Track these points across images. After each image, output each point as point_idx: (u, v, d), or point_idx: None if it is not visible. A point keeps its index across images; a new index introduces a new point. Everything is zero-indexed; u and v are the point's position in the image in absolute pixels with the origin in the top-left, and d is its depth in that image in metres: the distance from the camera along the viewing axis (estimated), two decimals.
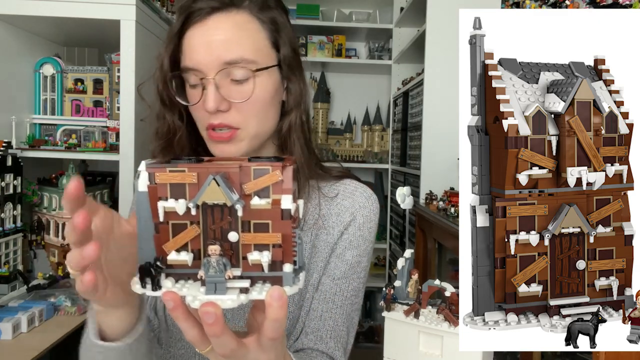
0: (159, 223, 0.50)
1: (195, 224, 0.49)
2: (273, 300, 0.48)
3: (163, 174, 0.49)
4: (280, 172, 0.49)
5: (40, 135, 1.88)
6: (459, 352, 0.70)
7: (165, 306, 0.50)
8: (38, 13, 1.62)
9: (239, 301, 0.48)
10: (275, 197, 0.49)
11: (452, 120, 0.90)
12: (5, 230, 1.65)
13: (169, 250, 0.50)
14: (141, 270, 0.50)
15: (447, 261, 2.68)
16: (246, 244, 0.49)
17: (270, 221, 0.49)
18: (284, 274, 0.50)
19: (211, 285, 0.48)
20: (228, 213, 0.49)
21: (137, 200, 0.51)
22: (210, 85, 0.81)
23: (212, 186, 0.48)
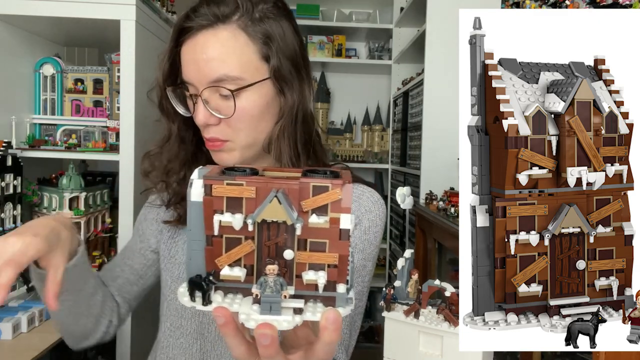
0: (212, 236, 0.48)
1: (250, 239, 0.48)
2: (329, 324, 0.47)
3: (220, 187, 0.47)
4: (340, 190, 0.47)
5: (40, 135, 1.88)
6: (459, 352, 0.70)
7: (215, 321, 0.49)
8: (38, 13, 1.62)
9: (294, 323, 0.47)
10: (334, 215, 0.47)
11: (452, 120, 0.90)
12: (5, 230, 1.65)
13: (222, 265, 0.49)
14: (191, 283, 0.49)
15: (447, 261, 2.68)
16: (301, 263, 0.48)
17: (328, 240, 0.48)
18: (337, 295, 0.49)
19: (266, 305, 0.47)
20: (284, 230, 0.48)
21: (189, 209, 0.49)
22: (199, 101, 0.85)
23: (273, 203, 0.46)
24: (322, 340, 0.49)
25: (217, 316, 0.48)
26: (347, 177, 0.48)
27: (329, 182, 0.47)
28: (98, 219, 1.98)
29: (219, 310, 0.48)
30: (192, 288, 0.49)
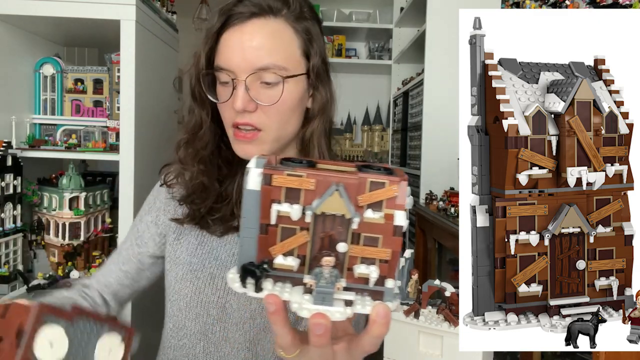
0: (268, 225, 0.49)
1: (305, 230, 0.49)
2: (379, 318, 0.48)
3: (281, 177, 0.48)
4: (397, 187, 0.48)
5: (40, 135, 1.88)
6: (459, 352, 0.70)
7: (266, 309, 0.49)
8: (38, 13, 1.62)
9: (345, 314, 0.48)
10: (388, 211, 0.48)
11: (452, 120, 0.90)
12: (5, 230, 1.65)
13: (276, 254, 0.49)
14: (244, 270, 0.49)
15: (447, 261, 2.68)
16: (353, 256, 0.49)
17: (382, 236, 0.48)
18: (385, 290, 0.49)
19: (319, 296, 0.48)
20: (339, 223, 0.48)
21: (245, 197, 0.50)
22: (240, 86, 0.85)
23: (334, 197, 0.47)
24: (371, 334, 0.50)
25: (268, 303, 0.48)
26: (401, 175, 0.49)
27: (387, 178, 0.48)
28: (98, 219, 1.98)
29: (271, 298, 0.48)
30: (244, 274, 0.50)
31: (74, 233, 1.85)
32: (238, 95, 0.84)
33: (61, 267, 1.81)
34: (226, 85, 0.88)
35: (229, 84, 0.87)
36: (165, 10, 1.98)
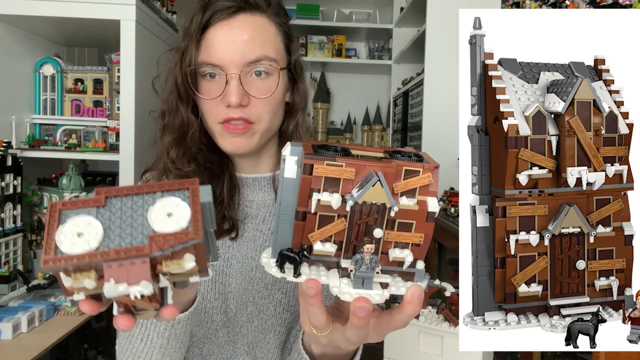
0: (306, 212, 0.50)
1: (343, 217, 0.50)
2: (414, 298, 0.51)
3: (322, 167, 0.49)
4: (431, 175, 0.50)
5: (40, 135, 1.88)
6: (459, 352, 0.70)
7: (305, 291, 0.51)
8: (38, 13, 1.62)
9: (384, 296, 0.50)
10: (421, 198, 0.50)
11: (452, 120, 0.90)
12: (5, 230, 1.65)
13: (315, 240, 0.51)
14: (282, 256, 0.51)
15: (447, 261, 2.68)
16: (388, 241, 0.51)
17: (415, 221, 0.50)
18: (416, 271, 0.52)
19: (358, 280, 0.50)
20: (376, 210, 0.50)
21: (283, 185, 0.51)
22: (233, 80, 0.84)
23: (376, 187, 0.48)
24: (405, 312, 0.52)
25: (309, 287, 0.50)
26: (432, 161, 0.52)
27: (421, 166, 0.50)
28: None
29: (311, 282, 0.50)
30: (282, 260, 0.51)
31: None
32: (232, 89, 0.84)
33: None
34: (212, 81, 0.87)
35: (217, 80, 0.86)
36: (165, 10, 1.98)
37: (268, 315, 0.90)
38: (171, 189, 0.44)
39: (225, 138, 0.88)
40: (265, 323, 0.91)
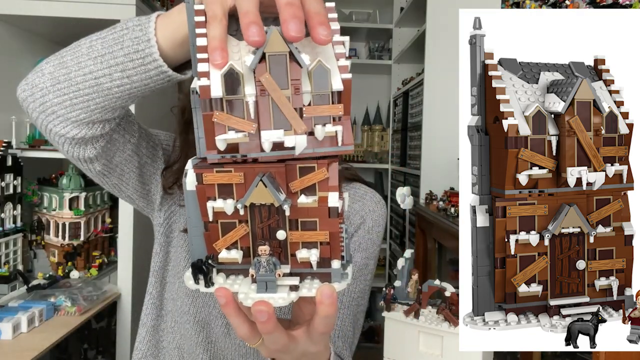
0: (208, 222, 0.50)
1: (244, 222, 0.50)
2: (324, 298, 0.49)
3: (210, 175, 0.48)
4: (326, 169, 0.48)
5: (40, 135, 1.88)
6: (459, 352, 0.70)
7: (218, 301, 0.51)
8: (38, 13, 1.62)
9: (289, 299, 0.49)
10: (322, 194, 0.49)
11: (452, 120, 0.90)
12: (5, 230, 1.65)
13: (220, 249, 0.51)
14: (194, 267, 0.51)
15: (447, 261, 2.68)
16: (294, 242, 0.50)
17: (318, 219, 0.49)
18: (332, 271, 0.50)
19: (262, 284, 0.49)
20: (275, 212, 0.49)
21: (186, 198, 0.52)
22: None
23: (259, 187, 0.47)
24: (319, 315, 0.51)
25: (218, 296, 0.50)
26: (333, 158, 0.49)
27: (315, 162, 0.48)
28: (98, 219, 1.98)
29: (220, 291, 0.50)
30: (195, 272, 0.51)
31: (74, 233, 1.85)
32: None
33: (61, 267, 1.81)
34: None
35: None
36: (165, 10, 1.98)
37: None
38: None
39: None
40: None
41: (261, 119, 0.46)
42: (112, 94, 0.67)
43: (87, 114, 0.70)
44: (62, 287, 1.67)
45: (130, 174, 0.89)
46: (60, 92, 0.69)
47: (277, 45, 0.45)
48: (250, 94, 0.46)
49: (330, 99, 0.46)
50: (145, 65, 0.63)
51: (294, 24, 0.44)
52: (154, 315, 0.98)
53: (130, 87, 0.66)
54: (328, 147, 0.47)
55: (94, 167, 0.82)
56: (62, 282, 1.71)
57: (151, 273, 1.00)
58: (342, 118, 0.47)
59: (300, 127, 0.45)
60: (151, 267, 1.00)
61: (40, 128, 0.77)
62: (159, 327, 0.99)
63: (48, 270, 1.80)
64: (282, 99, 0.45)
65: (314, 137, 0.46)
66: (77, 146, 0.76)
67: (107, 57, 0.65)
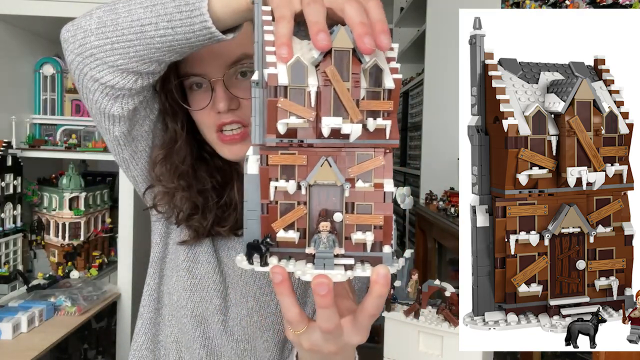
0: (268, 203, 0.52)
1: (302, 204, 0.52)
2: (379, 278, 0.51)
3: (275, 156, 0.51)
4: (382, 157, 0.51)
5: (40, 135, 1.88)
6: (459, 352, 0.70)
7: (272, 280, 0.52)
8: (38, 13, 1.62)
9: (347, 276, 0.51)
10: (377, 180, 0.52)
11: (452, 120, 0.90)
12: (5, 230, 1.65)
13: (278, 229, 0.52)
14: (249, 247, 0.52)
15: (447, 261, 2.68)
16: (349, 225, 0.52)
17: (373, 203, 0.52)
18: (384, 255, 0.52)
19: (320, 261, 0.51)
20: (334, 194, 0.52)
21: (246, 182, 0.54)
22: (219, 86, 0.83)
23: (324, 167, 0.51)
24: (373, 294, 0.52)
25: (274, 273, 0.51)
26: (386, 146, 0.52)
27: (372, 150, 0.51)
28: (98, 219, 1.98)
29: (276, 268, 0.51)
30: (249, 252, 0.52)
31: (74, 233, 1.85)
32: (219, 95, 0.82)
33: (61, 267, 1.81)
34: (199, 90, 0.85)
35: (204, 89, 0.84)
36: None
37: (269, 312, 0.91)
38: None
39: (223, 147, 0.87)
40: (265, 320, 0.91)
41: (322, 107, 0.50)
42: (153, 43, 0.68)
43: (124, 60, 0.71)
44: (62, 287, 1.67)
45: (142, 152, 0.89)
46: (102, 36, 0.71)
47: (343, 42, 0.50)
48: (313, 85, 0.50)
49: (382, 96, 0.51)
50: (191, 18, 0.65)
51: (369, 39, 0.50)
52: (151, 307, 0.98)
53: (172, 39, 0.67)
54: (377, 140, 0.51)
55: (114, 130, 0.83)
56: (62, 282, 1.71)
57: (150, 264, 0.99)
58: (391, 114, 0.51)
59: (357, 116, 0.50)
60: (150, 258, 0.99)
61: (75, 74, 0.77)
62: (157, 320, 0.98)
63: (48, 270, 1.80)
64: (344, 90, 0.50)
65: (365, 129, 0.50)
66: (108, 98, 0.77)
67: (158, 7, 0.67)
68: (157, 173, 0.89)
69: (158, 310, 0.98)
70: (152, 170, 0.90)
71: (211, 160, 0.91)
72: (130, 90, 0.76)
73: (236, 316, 0.92)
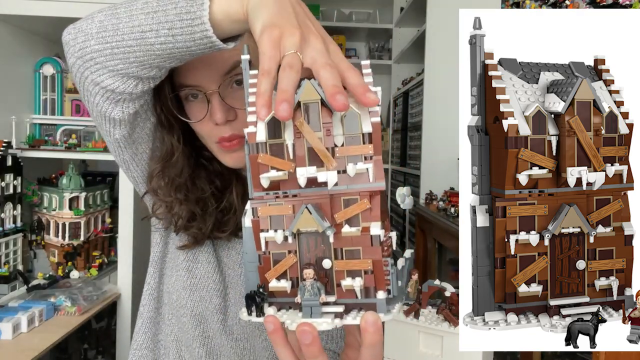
0: (261, 254, 0.54)
1: (292, 252, 0.53)
2: (368, 326, 0.50)
3: (264, 208, 0.53)
4: (368, 201, 0.51)
5: (40, 135, 1.88)
6: (459, 352, 0.70)
7: (266, 329, 0.52)
8: (38, 13, 1.62)
9: (333, 324, 0.51)
10: (365, 224, 0.52)
11: (452, 120, 0.90)
12: (5, 230, 1.65)
13: (270, 278, 0.53)
14: (247, 298, 0.54)
15: (447, 261, 2.68)
16: (339, 271, 0.52)
17: (361, 248, 0.51)
18: (377, 301, 0.52)
19: (307, 309, 0.51)
20: (321, 242, 0.52)
21: (244, 234, 0.55)
22: (215, 98, 0.82)
23: (304, 214, 0.51)
24: (365, 343, 0.51)
25: (267, 323, 0.51)
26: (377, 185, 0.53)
27: (357, 193, 0.52)
28: (98, 219, 1.98)
29: (269, 318, 0.52)
30: (248, 303, 0.54)
31: (74, 233, 1.85)
32: (215, 108, 0.82)
33: (61, 267, 1.81)
34: (196, 101, 0.84)
35: (199, 99, 0.84)
36: None
37: None
38: None
39: (225, 155, 0.87)
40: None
41: (297, 158, 0.51)
42: (153, 50, 0.68)
43: (124, 65, 0.71)
44: (62, 287, 1.67)
45: (143, 154, 0.89)
46: (103, 40, 0.70)
47: (310, 95, 0.52)
48: (290, 138, 0.52)
49: (362, 140, 0.52)
50: (192, 27, 0.64)
51: (340, 96, 0.50)
52: (151, 306, 0.98)
53: (172, 47, 0.67)
54: (360, 184, 0.51)
55: (115, 133, 0.82)
56: (62, 282, 1.71)
57: (150, 263, 0.99)
58: (373, 157, 0.52)
59: (331, 164, 0.51)
60: (150, 257, 0.99)
61: (76, 77, 0.77)
62: (157, 319, 0.98)
63: (48, 270, 1.80)
64: (315, 139, 0.51)
65: (347, 174, 0.51)
66: (108, 102, 0.77)
67: (159, 14, 0.67)
68: (154, 186, 0.88)
69: (158, 310, 0.98)
70: (149, 182, 0.89)
71: (210, 164, 0.91)
72: (131, 95, 0.76)
73: (235, 315, 0.92)
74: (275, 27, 0.56)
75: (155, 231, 0.99)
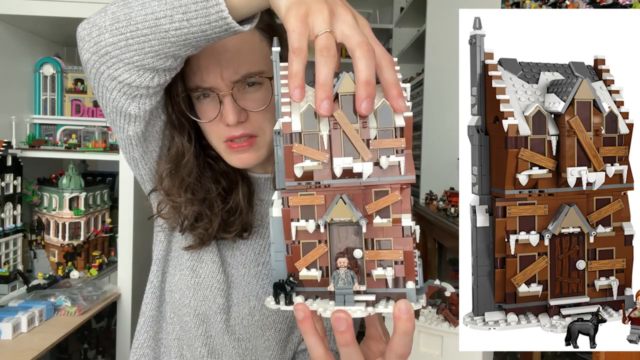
0: (291, 243, 0.54)
1: (323, 242, 0.53)
2: (402, 313, 0.50)
3: (295, 198, 0.54)
4: (399, 193, 0.52)
5: (40, 135, 1.88)
6: (459, 352, 0.70)
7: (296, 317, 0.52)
8: (38, 13, 1.62)
9: (366, 312, 0.51)
10: (396, 216, 0.53)
11: (452, 120, 0.90)
12: (5, 230, 1.65)
13: (300, 267, 0.54)
14: (275, 286, 0.54)
15: (447, 261, 2.68)
16: (370, 261, 0.53)
17: (392, 238, 0.53)
18: (407, 291, 0.53)
19: (340, 297, 0.52)
20: (353, 232, 0.53)
21: (271, 225, 0.56)
22: (227, 99, 0.82)
23: (339, 204, 0.52)
24: (398, 331, 0.51)
25: (297, 311, 0.52)
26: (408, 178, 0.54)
27: (389, 186, 0.53)
28: (98, 219, 1.98)
29: (299, 306, 0.52)
30: (276, 291, 0.54)
31: (74, 233, 1.85)
32: (228, 109, 0.82)
33: (61, 267, 1.81)
34: (207, 101, 0.85)
35: (212, 99, 0.84)
36: None
37: (270, 311, 0.91)
38: None
39: (231, 155, 0.87)
40: (267, 319, 0.92)
41: (333, 149, 0.52)
42: (168, 37, 0.67)
43: (140, 57, 0.70)
44: (62, 287, 1.67)
45: (152, 152, 0.89)
46: (117, 32, 0.69)
47: (348, 87, 0.52)
48: (324, 129, 0.53)
49: (394, 134, 0.53)
50: (207, 9, 0.63)
51: (367, 103, 0.51)
52: (154, 305, 0.98)
53: (187, 32, 0.66)
54: (392, 177, 0.52)
55: (128, 129, 0.82)
56: (62, 282, 1.71)
57: (154, 261, 0.99)
58: (404, 150, 0.52)
59: (367, 155, 0.51)
60: (154, 256, 0.99)
61: (91, 73, 0.76)
62: (159, 318, 0.98)
63: (48, 270, 1.80)
64: (352, 131, 0.52)
65: (379, 167, 0.52)
66: (125, 97, 0.76)
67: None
68: (164, 187, 0.88)
69: (161, 308, 0.98)
70: (159, 184, 0.89)
71: (216, 164, 0.91)
72: (148, 89, 0.75)
73: (238, 315, 0.92)
74: (301, 3, 0.54)
75: (159, 230, 0.99)
